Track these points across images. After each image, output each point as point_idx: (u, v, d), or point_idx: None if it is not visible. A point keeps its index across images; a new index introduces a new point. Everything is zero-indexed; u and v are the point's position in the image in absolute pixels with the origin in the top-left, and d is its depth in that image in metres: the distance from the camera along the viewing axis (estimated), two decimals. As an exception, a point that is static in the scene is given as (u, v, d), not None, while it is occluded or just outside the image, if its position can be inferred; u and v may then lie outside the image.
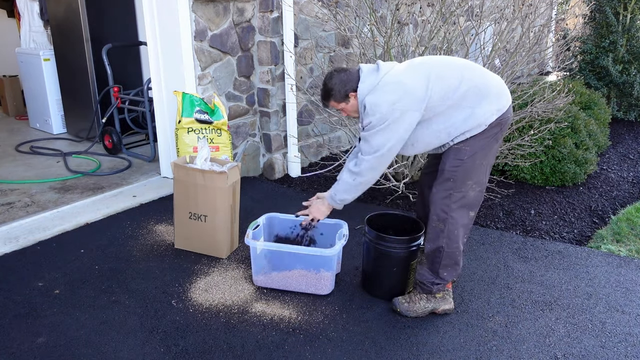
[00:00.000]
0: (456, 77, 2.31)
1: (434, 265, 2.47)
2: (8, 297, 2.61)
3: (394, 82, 2.31)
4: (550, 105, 3.92)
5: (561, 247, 3.23)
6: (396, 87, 2.30)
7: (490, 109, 2.29)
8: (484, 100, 2.29)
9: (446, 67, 2.37)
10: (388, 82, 2.32)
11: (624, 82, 6.16)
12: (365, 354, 2.26)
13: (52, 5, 5.17)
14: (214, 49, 3.92)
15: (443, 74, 2.31)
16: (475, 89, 2.29)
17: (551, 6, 7.77)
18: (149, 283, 2.76)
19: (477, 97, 2.29)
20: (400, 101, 2.27)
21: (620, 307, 2.62)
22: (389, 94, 2.29)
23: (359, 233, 3.36)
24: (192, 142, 3.62)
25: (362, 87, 2.36)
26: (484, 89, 2.30)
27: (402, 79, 2.32)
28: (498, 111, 2.31)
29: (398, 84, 2.30)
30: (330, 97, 2.45)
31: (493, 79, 2.37)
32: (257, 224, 2.85)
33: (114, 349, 2.25)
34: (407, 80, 2.31)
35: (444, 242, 2.41)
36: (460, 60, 2.45)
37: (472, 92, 2.29)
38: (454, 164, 2.35)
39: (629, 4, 6.11)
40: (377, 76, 2.35)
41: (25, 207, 3.69)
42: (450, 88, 2.29)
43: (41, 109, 5.69)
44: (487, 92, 2.31)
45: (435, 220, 2.41)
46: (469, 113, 2.30)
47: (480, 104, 2.29)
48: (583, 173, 4.27)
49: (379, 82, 2.33)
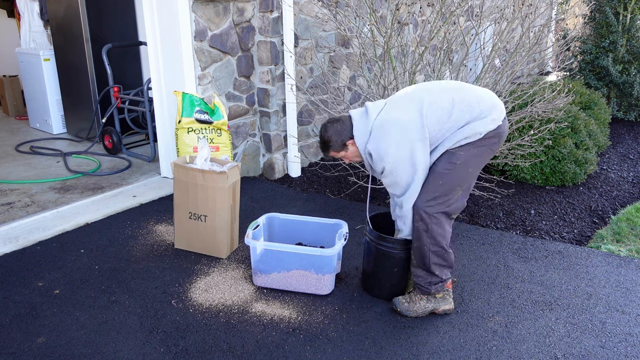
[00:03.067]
0: (448, 100, 2.33)
1: (425, 264, 2.46)
2: (8, 297, 2.61)
3: (389, 121, 2.34)
4: (550, 105, 3.92)
5: (561, 247, 3.23)
6: (392, 125, 2.33)
7: (485, 121, 2.32)
8: (478, 116, 2.32)
9: (436, 93, 2.38)
10: (383, 125, 2.34)
11: (624, 82, 6.15)
12: (365, 354, 2.26)
13: (52, 5, 5.18)
14: (214, 49, 3.92)
15: (434, 100, 2.34)
16: (469, 108, 2.32)
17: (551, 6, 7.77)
18: (149, 283, 2.76)
19: (472, 115, 2.31)
20: (403, 137, 2.30)
21: (620, 307, 2.62)
22: (389, 136, 2.33)
23: (359, 233, 3.36)
24: (192, 142, 3.62)
25: (358, 135, 2.40)
26: (476, 106, 2.33)
27: (395, 116, 2.34)
28: (493, 121, 2.33)
29: (393, 123, 2.33)
30: (329, 148, 2.51)
31: (485, 94, 2.40)
32: (257, 224, 2.85)
33: (114, 349, 2.25)
34: (401, 115, 2.34)
35: (428, 242, 2.41)
36: (449, 82, 2.47)
37: (467, 111, 2.32)
38: (446, 167, 2.36)
39: (629, 4, 6.11)
40: (368, 122, 2.38)
41: (25, 207, 3.69)
42: (444, 112, 2.32)
43: (41, 109, 5.69)
44: (479, 109, 2.33)
45: (418, 219, 2.40)
46: (464, 126, 2.33)
47: (475, 120, 2.32)
48: (583, 173, 4.27)
49: (372, 127, 2.36)
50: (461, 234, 3.39)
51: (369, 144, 2.36)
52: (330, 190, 4.14)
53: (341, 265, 2.94)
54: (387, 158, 2.32)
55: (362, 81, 5.07)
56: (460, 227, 3.50)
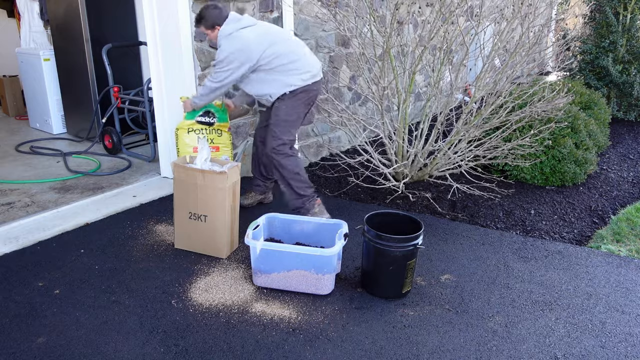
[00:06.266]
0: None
1: (292, 191, 3.32)
2: (8, 297, 2.61)
3: (240, 37, 3.13)
4: (550, 105, 3.92)
5: (561, 247, 3.24)
6: (238, 41, 3.13)
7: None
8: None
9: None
10: (237, 36, 3.12)
11: (624, 82, 6.16)
12: (365, 354, 2.26)
13: (52, 5, 5.18)
14: (214, 49, 3.92)
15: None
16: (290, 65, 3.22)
17: (551, 6, 7.77)
18: (149, 283, 2.76)
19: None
20: (236, 53, 3.12)
21: (620, 307, 2.62)
22: (233, 43, 3.12)
23: (359, 233, 3.36)
24: (192, 142, 3.61)
25: (223, 29, 3.15)
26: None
27: (245, 36, 3.13)
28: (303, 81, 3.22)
29: (241, 39, 3.13)
30: (201, 23, 3.21)
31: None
32: (257, 224, 2.85)
33: (114, 349, 2.25)
34: (250, 40, 3.13)
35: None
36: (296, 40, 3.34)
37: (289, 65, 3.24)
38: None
39: (629, 4, 6.11)
40: (235, 26, 3.14)
41: (25, 207, 3.69)
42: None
43: (41, 109, 5.69)
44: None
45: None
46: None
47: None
48: (583, 173, 4.27)
49: (232, 33, 3.13)
50: (461, 234, 3.39)
51: (223, 40, 3.15)
52: (330, 190, 4.14)
53: (341, 265, 2.94)
54: (221, 55, 3.14)
55: (362, 81, 5.07)
56: (460, 227, 3.50)
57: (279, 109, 3.27)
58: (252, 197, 3.73)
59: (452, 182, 3.94)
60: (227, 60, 3.12)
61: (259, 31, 3.19)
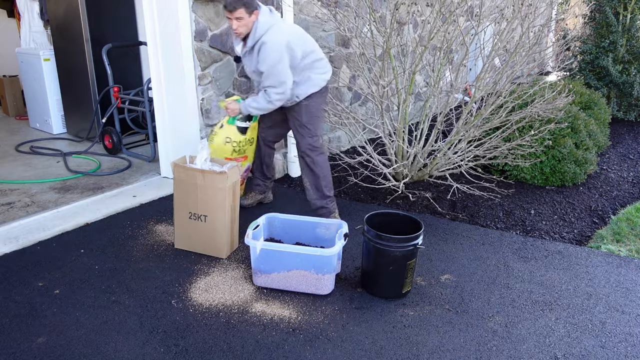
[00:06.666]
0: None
1: (318, 190, 3.34)
2: (8, 297, 2.61)
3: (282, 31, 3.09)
4: (550, 105, 3.92)
5: (561, 247, 3.24)
6: (279, 37, 3.08)
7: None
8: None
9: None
10: (280, 30, 3.09)
11: (624, 82, 6.16)
12: (365, 354, 2.26)
13: (52, 5, 5.17)
14: (214, 49, 3.92)
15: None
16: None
17: (551, 6, 7.77)
18: (149, 283, 2.76)
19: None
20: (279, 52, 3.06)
21: (620, 307, 2.62)
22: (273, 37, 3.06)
23: (359, 233, 3.36)
24: (224, 154, 3.41)
25: (263, 20, 3.05)
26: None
27: (280, 37, 3.06)
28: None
29: (277, 38, 3.06)
30: (241, 5, 2.98)
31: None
32: (257, 224, 2.85)
33: (114, 349, 2.25)
34: (292, 34, 3.15)
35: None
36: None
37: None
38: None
39: (629, 4, 6.11)
40: (273, 20, 3.09)
41: (25, 207, 3.69)
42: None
43: (41, 109, 5.69)
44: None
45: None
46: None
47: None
48: (583, 173, 4.27)
49: (273, 25, 3.06)
50: (461, 234, 3.39)
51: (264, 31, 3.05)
52: (330, 190, 4.14)
53: (341, 265, 2.94)
54: (270, 59, 3.06)
55: (362, 81, 5.07)
56: (460, 227, 3.50)
57: (309, 106, 3.28)
58: (252, 197, 3.73)
59: (452, 182, 3.94)
60: (279, 61, 3.04)
61: (290, 27, 3.25)
